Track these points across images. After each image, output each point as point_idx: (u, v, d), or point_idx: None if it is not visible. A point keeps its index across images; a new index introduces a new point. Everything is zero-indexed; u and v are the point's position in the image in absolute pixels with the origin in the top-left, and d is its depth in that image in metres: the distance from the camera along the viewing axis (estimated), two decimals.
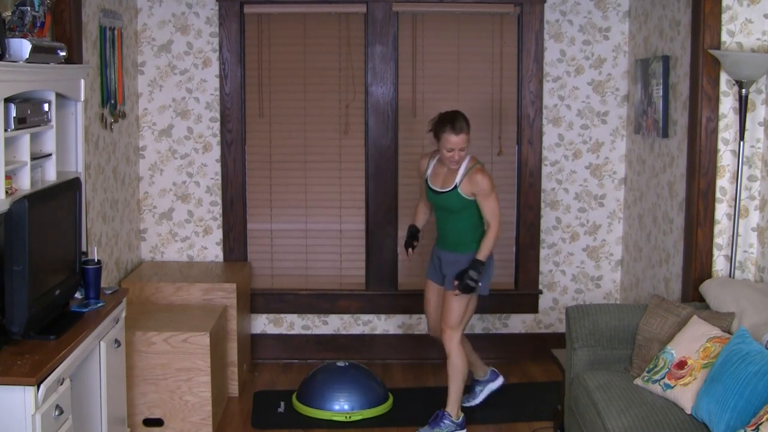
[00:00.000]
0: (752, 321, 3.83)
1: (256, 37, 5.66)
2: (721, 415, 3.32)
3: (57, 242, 3.55)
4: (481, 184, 4.50)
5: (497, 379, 5.11)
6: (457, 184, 4.54)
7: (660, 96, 4.92)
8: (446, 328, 4.65)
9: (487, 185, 4.50)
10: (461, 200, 4.56)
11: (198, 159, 5.72)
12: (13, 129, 3.27)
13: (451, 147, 4.48)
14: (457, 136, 4.47)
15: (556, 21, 5.65)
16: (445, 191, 4.59)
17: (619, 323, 4.17)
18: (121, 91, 5.11)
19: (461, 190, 4.54)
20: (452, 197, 4.57)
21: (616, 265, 5.83)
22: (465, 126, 4.50)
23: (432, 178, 4.67)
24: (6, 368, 3.01)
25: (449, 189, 4.57)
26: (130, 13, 5.43)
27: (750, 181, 4.40)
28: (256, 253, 5.81)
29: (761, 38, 4.33)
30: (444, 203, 4.61)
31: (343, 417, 4.85)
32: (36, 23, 3.56)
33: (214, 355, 4.65)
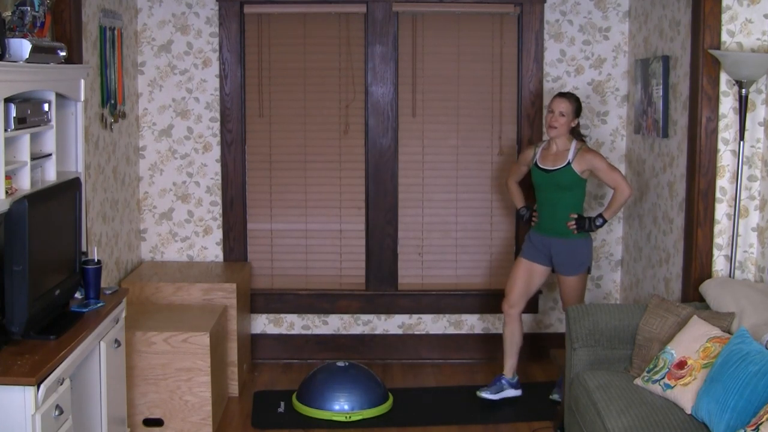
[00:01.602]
0: (752, 321, 3.83)
1: (256, 37, 5.66)
2: (721, 415, 3.32)
3: (57, 242, 3.55)
4: (594, 161, 4.86)
5: (518, 388, 5.16)
6: (570, 161, 4.87)
7: (660, 96, 4.93)
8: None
9: (600, 160, 4.86)
10: (573, 176, 4.88)
11: (198, 159, 5.72)
12: (13, 129, 3.27)
13: (552, 108, 4.90)
14: (560, 99, 4.89)
15: (556, 21, 5.65)
16: (557, 168, 4.90)
17: (619, 323, 4.17)
18: (121, 91, 5.11)
19: (574, 166, 4.86)
20: (566, 173, 4.88)
21: (616, 265, 5.83)
22: (573, 99, 4.92)
23: (541, 161, 4.98)
24: (6, 368, 3.01)
25: (562, 166, 4.89)
26: (130, 13, 5.43)
27: (750, 181, 4.40)
28: (256, 253, 5.81)
29: (761, 38, 4.33)
30: (556, 180, 4.91)
31: (343, 417, 4.85)
32: (36, 23, 3.56)
33: (214, 355, 4.65)
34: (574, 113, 4.90)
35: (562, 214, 4.93)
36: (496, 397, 5.10)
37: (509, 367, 5.14)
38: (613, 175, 4.84)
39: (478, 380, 5.43)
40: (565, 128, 4.89)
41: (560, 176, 4.89)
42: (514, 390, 5.14)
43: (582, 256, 4.96)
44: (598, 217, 4.90)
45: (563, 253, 4.95)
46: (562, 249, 4.95)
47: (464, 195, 5.76)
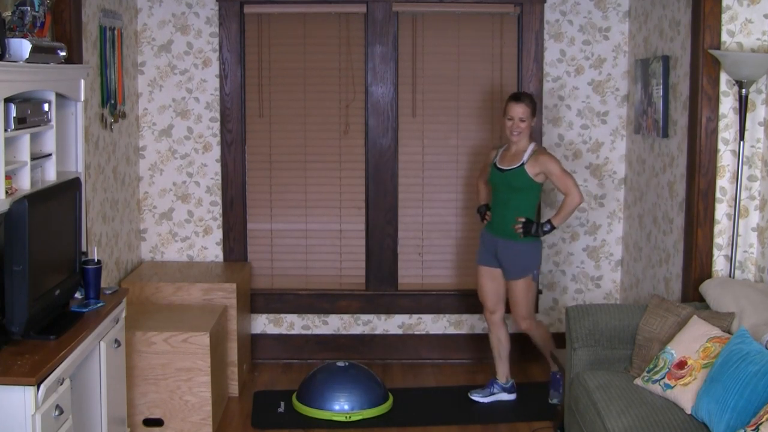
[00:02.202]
0: (752, 321, 3.83)
1: (256, 37, 5.67)
2: (721, 415, 3.32)
3: (57, 242, 3.55)
4: (547, 164, 4.79)
5: (512, 393, 5.16)
6: (524, 162, 4.81)
7: (660, 96, 4.93)
8: (521, 320, 4.99)
9: (553, 164, 4.79)
10: (525, 178, 4.81)
11: (198, 159, 5.72)
12: (13, 129, 3.27)
13: (511, 116, 4.83)
14: (517, 104, 4.82)
15: (556, 21, 5.65)
16: (511, 168, 4.84)
17: (619, 323, 4.17)
18: (121, 91, 5.11)
19: (527, 168, 4.80)
20: (518, 174, 4.82)
21: (616, 265, 5.83)
22: (528, 100, 4.87)
23: (500, 161, 4.94)
24: (6, 368, 3.01)
25: (516, 166, 4.82)
26: (130, 13, 5.43)
27: (750, 181, 4.40)
28: (256, 253, 5.81)
29: (761, 38, 4.33)
30: (508, 180, 4.85)
31: (343, 417, 4.85)
32: (36, 23, 3.56)
33: (214, 355, 4.65)
34: (532, 114, 4.85)
35: (511, 215, 4.86)
36: (486, 401, 5.11)
37: (502, 373, 5.15)
38: (566, 180, 4.76)
39: (478, 380, 5.43)
40: (526, 132, 4.85)
41: (513, 177, 4.83)
42: (508, 394, 5.15)
43: (526, 261, 4.89)
44: (546, 223, 4.81)
45: (508, 255, 4.90)
46: (508, 251, 4.90)
47: (464, 195, 5.76)
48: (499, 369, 5.15)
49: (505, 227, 4.88)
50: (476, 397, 5.11)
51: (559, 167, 4.78)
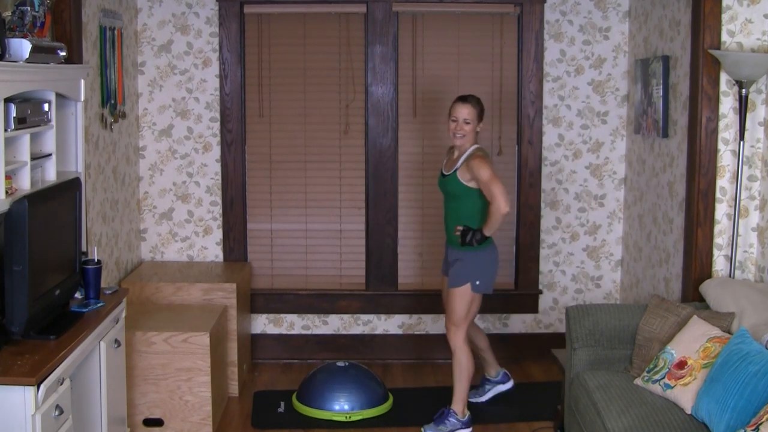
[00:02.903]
0: (752, 321, 3.83)
1: (256, 37, 5.66)
2: (721, 415, 3.32)
3: (57, 242, 3.55)
4: (476, 169, 4.47)
5: (508, 382, 5.14)
6: (457, 168, 4.57)
7: (660, 96, 4.92)
8: (450, 325, 4.69)
9: (482, 170, 4.46)
10: (459, 186, 4.57)
11: (198, 159, 5.72)
12: (13, 129, 3.27)
13: (455, 117, 4.56)
14: (462, 105, 4.56)
15: (556, 21, 5.65)
16: (447, 174, 4.65)
17: (619, 323, 4.17)
18: (121, 91, 5.11)
19: (459, 174, 4.56)
20: (451, 181, 4.60)
21: (616, 265, 5.83)
22: (475, 102, 4.59)
23: (444, 166, 4.75)
24: (6, 368, 3.01)
25: (451, 172, 4.62)
26: (130, 13, 5.43)
27: (750, 181, 4.40)
28: (256, 253, 5.81)
29: (761, 38, 4.33)
30: (446, 187, 4.66)
31: (343, 417, 4.85)
32: (36, 23, 3.56)
33: (214, 355, 4.65)
34: (478, 118, 4.58)
35: (450, 223, 4.66)
36: (484, 399, 5.10)
37: (490, 368, 5.13)
38: (491, 188, 4.41)
39: (478, 380, 5.43)
40: (471, 135, 4.58)
41: (448, 183, 4.63)
42: (504, 385, 5.13)
43: (464, 269, 4.60)
44: (478, 231, 4.51)
45: (452, 262, 4.68)
46: (452, 258, 4.68)
47: None
48: (486, 366, 5.13)
49: (449, 235, 4.71)
50: (474, 399, 5.07)
51: (487, 173, 4.44)
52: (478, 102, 4.61)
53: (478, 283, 4.62)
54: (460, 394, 4.68)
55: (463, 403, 4.69)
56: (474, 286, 4.62)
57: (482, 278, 4.64)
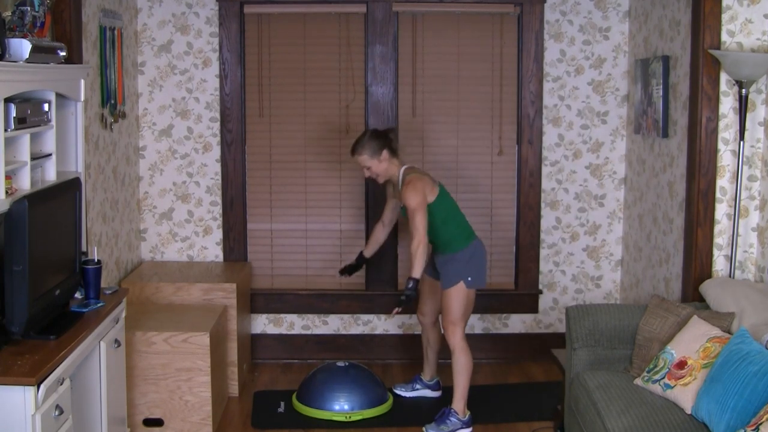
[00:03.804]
0: (752, 321, 3.83)
1: (256, 37, 5.66)
2: (721, 415, 3.32)
3: (57, 242, 3.55)
4: (405, 198, 4.60)
5: (437, 390, 5.19)
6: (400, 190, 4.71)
7: (660, 96, 4.93)
8: (448, 324, 4.73)
9: (410, 198, 4.56)
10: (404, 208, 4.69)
11: (198, 159, 5.72)
12: (13, 129, 3.27)
13: (360, 166, 4.79)
14: (354, 158, 4.76)
15: (556, 21, 5.65)
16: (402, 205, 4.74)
17: (619, 323, 4.17)
18: (121, 91, 5.11)
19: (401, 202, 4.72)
20: (404, 210, 4.72)
21: (616, 265, 5.83)
22: (360, 147, 4.71)
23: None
24: (6, 368, 3.01)
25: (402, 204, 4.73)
26: (130, 13, 5.43)
27: (750, 181, 4.40)
28: (256, 253, 5.81)
29: (761, 38, 4.33)
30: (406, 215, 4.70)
31: (343, 417, 4.85)
32: (36, 23, 3.56)
33: (214, 355, 4.65)
34: (375, 153, 4.67)
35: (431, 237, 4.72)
36: (408, 395, 5.18)
37: (427, 372, 5.21)
38: (414, 219, 4.54)
39: (478, 380, 5.43)
40: (383, 172, 4.73)
41: (403, 212, 4.75)
42: (432, 391, 5.19)
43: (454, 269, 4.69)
44: (409, 280, 4.59)
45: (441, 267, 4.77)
46: (440, 265, 4.78)
47: (464, 195, 5.75)
48: (426, 367, 5.20)
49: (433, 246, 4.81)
50: (399, 390, 5.18)
51: (413, 202, 4.54)
52: (362, 144, 4.70)
53: (470, 279, 4.70)
54: (461, 391, 4.71)
55: (464, 402, 4.71)
56: (467, 283, 4.69)
57: (473, 273, 4.71)
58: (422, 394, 5.20)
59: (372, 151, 4.70)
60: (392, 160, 4.75)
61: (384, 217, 5.13)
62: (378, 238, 5.17)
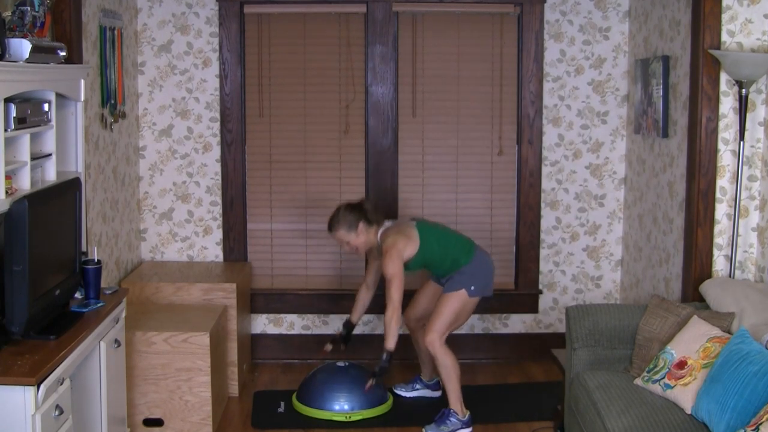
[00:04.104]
0: (752, 321, 3.83)
1: (256, 37, 5.66)
2: (721, 415, 3.32)
3: (57, 242, 3.55)
4: (383, 267, 4.63)
5: (437, 391, 5.17)
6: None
7: (660, 96, 4.93)
8: (430, 330, 4.71)
9: (388, 267, 4.59)
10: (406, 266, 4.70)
11: (198, 159, 5.72)
12: (13, 129, 3.27)
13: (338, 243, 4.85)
14: (332, 235, 4.80)
15: (556, 21, 5.65)
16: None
17: (619, 323, 4.17)
18: (121, 91, 5.11)
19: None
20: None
21: (616, 265, 5.83)
22: (336, 224, 4.74)
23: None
24: (6, 368, 3.01)
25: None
26: (130, 13, 5.43)
27: (750, 181, 4.40)
28: (256, 253, 5.81)
29: (761, 38, 4.33)
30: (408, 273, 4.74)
31: (343, 417, 4.85)
32: (36, 23, 3.56)
33: (214, 355, 4.65)
34: (351, 228, 4.71)
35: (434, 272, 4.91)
36: (408, 395, 5.18)
37: (425, 372, 5.21)
38: (390, 288, 4.57)
39: (479, 380, 5.44)
40: (362, 245, 4.78)
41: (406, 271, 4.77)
42: (432, 391, 5.19)
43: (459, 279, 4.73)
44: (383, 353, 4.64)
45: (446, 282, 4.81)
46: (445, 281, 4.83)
47: (464, 195, 5.76)
48: (423, 368, 5.21)
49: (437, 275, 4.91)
50: (399, 390, 5.18)
51: (391, 270, 4.58)
52: (338, 220, 4.72)
53: (474, 288, 4.72)
54: (454, 393, 4.71)
55: (461, 402, 4.71)
56: (470, 291, 4.71)
57: (477, 282, 4.73)
58: (422, 394, 5.20)
59: (348, 226, 4.72)
60: (369, 230, 4.76)
61: (367, 279, 5.11)
62: (364, 302, 5.13)
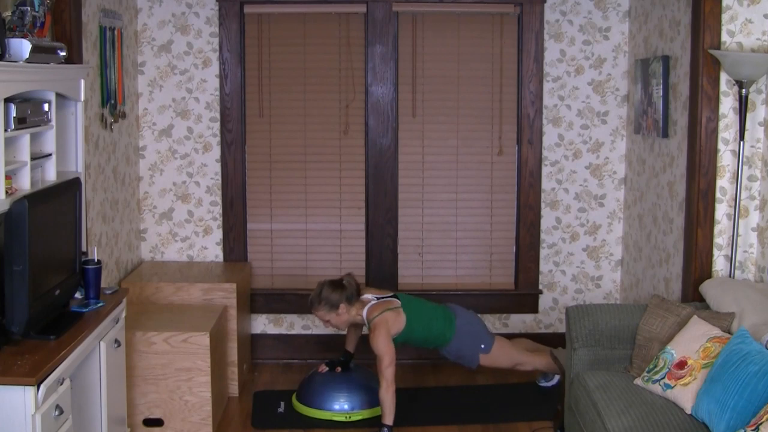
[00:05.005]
0: (752, 321, 3.83)
1: (256, 37, 5.66)
2: (721, 415, 3.32)
3: (57, 242, 3.55)
4: (373, 345, 4.62)
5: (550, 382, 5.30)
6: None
7: (660, 96, 4.93)
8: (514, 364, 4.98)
9: (377, 344, 4.60)
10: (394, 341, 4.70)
11: (198, 159, 5.72)
12: (13, 129, 3.27)
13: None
14: (314, 313, 4.81)
15: (556, 21, 5.65)
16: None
17: (619, 323, 4.17)
18: (121, 91, 5.11)
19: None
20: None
21: (616, 265, 5.83)
22: (316, 303, 4.75)
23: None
24: (6, 368, 3.01)
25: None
26: (130, 13, 5.43)
27: (750, 181, 4.40)
28: (256, 253, 5.81)
29: (761, 38, 4.33)
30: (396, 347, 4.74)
31: (343, 417, 4.85)
32: (36, 23, 3.56)
33: (214, 355, 4.65)
34: (332, 307, 4.72)
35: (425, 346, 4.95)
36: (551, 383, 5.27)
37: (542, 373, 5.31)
38: (382, 363, 4.56)
39: (479, 380, 5.44)
40: (343, 324, 4.80)
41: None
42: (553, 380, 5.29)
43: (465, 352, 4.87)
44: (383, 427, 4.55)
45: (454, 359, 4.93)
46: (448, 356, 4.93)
47: (464, 195, 5.76)
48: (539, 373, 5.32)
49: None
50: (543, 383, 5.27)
51: (381, 348, 4.57)
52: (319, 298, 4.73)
53: (484, 346, 4.87)
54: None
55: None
56: (483, 350, 4.87)
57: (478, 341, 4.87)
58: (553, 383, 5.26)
59: (329, 306, 4.74)
60: (351, 309, 4.76)
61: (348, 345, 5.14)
62: (356, 334, 5.15)
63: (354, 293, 4.76)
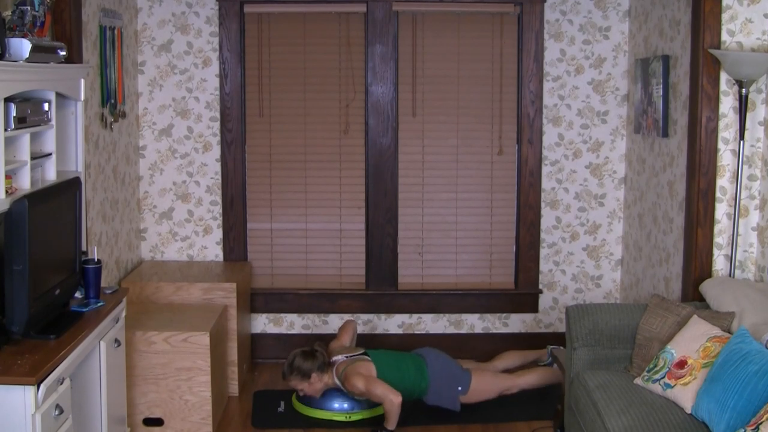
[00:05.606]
0: (752, 320, 3.83)
1: (256, 36, 5.66)
2: (721, 414, 3.32)
3: (57, 242, 3.55)
4: (354, 388, 4.67)
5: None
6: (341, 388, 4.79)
7: (660, 95, 4.93)
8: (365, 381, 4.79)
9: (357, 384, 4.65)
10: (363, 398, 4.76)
11: (198, 159, 5.72)
12: (13, 129, 3.27)
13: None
14: (289, 382, 4.82)
15: (556, 21, 5.65)
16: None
17: (619, 323, 4.17)
18: (121, 91, 5.11)
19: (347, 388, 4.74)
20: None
21: (616, 264, 5.83)
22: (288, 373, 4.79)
23: None
24: (6, 368, 3.01)
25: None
26: (130, 13, 5.43)
27: (750, 181, 4.40)
28: (256, 253, 5.81)
29: (761, 38, 4.33)
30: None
31: (343, 417, 4.85)
32: (36, 23, 3.56)
33: (214, 354, 4.65)
34: (305, 376, 4.75)
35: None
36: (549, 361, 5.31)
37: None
38: (375, 390, 4.63)
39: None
40: (316, 392, 4.80)
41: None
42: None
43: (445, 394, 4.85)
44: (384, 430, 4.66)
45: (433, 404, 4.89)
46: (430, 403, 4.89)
47: (464, 195, 5.76)
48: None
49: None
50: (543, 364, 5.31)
51: (361, 384, 4.64)
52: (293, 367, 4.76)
53: (460, 388, 4.84)
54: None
55: None
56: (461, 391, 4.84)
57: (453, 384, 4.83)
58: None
59: (301, 375, 4.77)
60: (323, 376, 4.79)
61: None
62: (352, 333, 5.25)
63: (324, 362, 4.81)
